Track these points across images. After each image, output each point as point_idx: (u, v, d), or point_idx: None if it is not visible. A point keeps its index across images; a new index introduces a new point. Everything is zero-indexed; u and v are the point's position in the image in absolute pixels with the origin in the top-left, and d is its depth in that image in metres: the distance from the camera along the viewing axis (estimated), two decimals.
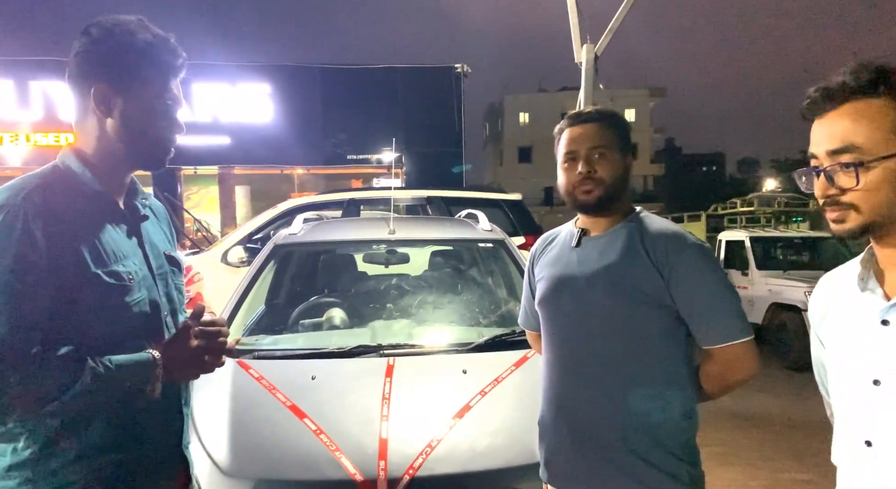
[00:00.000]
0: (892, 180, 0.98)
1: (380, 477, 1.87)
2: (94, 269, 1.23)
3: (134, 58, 1.30)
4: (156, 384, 1.26)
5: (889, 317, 1.02)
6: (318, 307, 3.18)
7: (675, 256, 1.52)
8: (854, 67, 1.02)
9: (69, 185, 1.30)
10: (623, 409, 1.54)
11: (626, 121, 1.74)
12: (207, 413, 2.19)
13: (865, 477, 1.05)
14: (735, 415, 5.70)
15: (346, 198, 6.90)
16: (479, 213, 3.80)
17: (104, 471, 1.25)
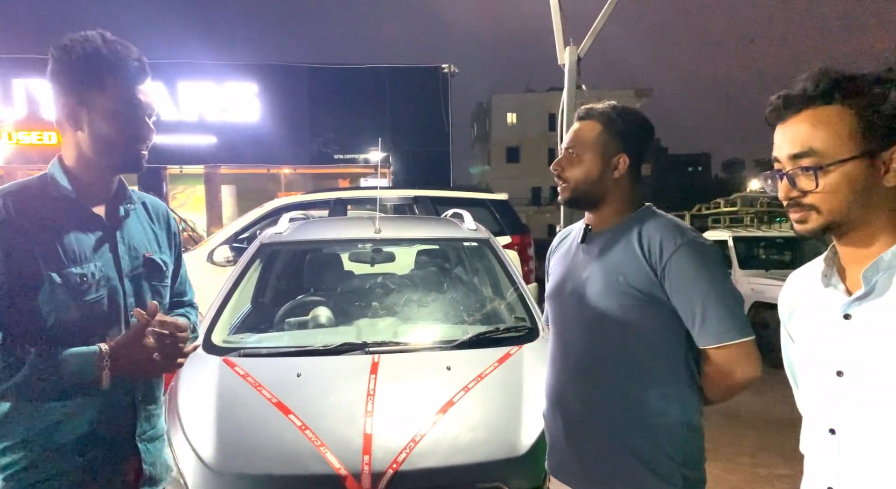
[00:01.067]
0: (849, 182, 1.03)
1: (364, 471, 1.90)
2: (46, 271, 1.33)
3: (90, 71, 1.37)
4: (102, 376, 1.33)
5: (850, 311, 1.07)
6: (304, 305, 3.20)
7: (667, 252, 1.50)
8: (812, 75, 1.06)
9: (45, 194, 1.40)
10: (615, 405, 1.55)
11: (633, 118, 1.64)
12: (193, 410, 2.21)
13: (830, 464, 1.10)
14: (717, 412, 5.77)
15: (332, 197, 6.91)
16: (465, 213, 3.83)
17: (49, 454, 1.35)
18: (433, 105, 15.36)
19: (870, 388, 1.03)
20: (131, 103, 1.40)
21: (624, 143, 1.61)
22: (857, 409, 1.05)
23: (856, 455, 1.05)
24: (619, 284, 1.53)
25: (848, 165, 1.02)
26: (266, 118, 14.66)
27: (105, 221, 1.46)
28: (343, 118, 15.10)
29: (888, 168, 1.02)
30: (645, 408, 1.53)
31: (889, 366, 1.00)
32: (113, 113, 1.38)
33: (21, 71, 13.84)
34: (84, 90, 1.37)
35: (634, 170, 1.63)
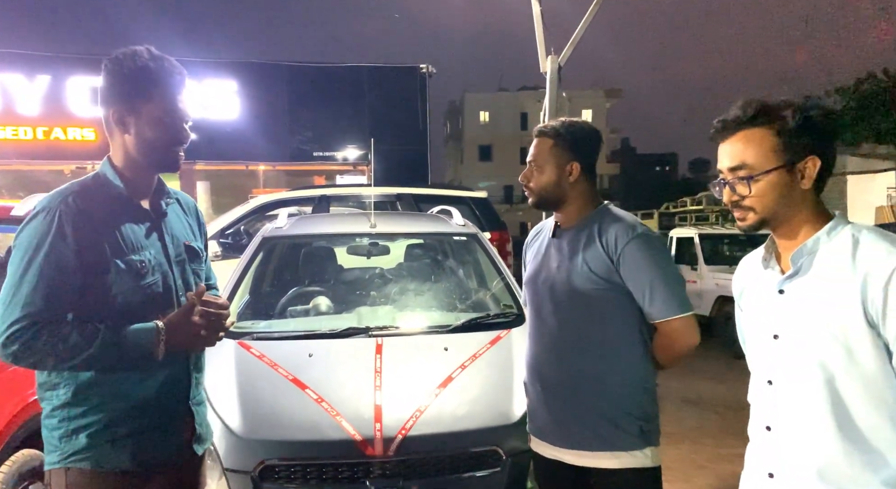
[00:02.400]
0: (774, 187, 1.32)
1: (376, 437, 2.15)
2: (112, 258, 1.54)
3: (139, 83, 1.59)
4: (159, 348, 1.55)
5: (783, 287, 1.34)
6: (305, 295, 3.42)
7: (622, 244, 1.82)
8: (743, 104, 1.35)
9: (102, 190, 1.62)
10: (582, 373, 1.85)
11: (579, 131, 1.95)
12: (217, 386, 2.42)
13: (768, 407, 1.38)
14: (684, 400, 6.15)
15: (317, 194, 7.08)
16: (453, 210, 4.09)
17: (120, 414, 1.56)
18: (411, 104, 15.52)
19: (798, 347, 1.30)
20: (173, 112, 1.62)
21: (574, 153, 1.92)
22: (789, 365, 1.32)
23: (787, 400, 1.33)
24: (584, 271, 1.84)
25: (772, 174, 1.31)
26: (245, 115, 14.63)
27: (151, 214, 1.68)
28: (322, 116, 15.16)
29: (803, 175, 1.30)
30: (607, 374, 1.84)
31: (812, 330, 1.28)
32: (157, 120, 1.60)
33: None
34: (133, 100, 1.58)
35: (587, 173, 1.94)
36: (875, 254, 1.23)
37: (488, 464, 2.22)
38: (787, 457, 1.32)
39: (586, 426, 1.84)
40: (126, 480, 1.56)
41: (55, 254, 1.47)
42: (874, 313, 1.20)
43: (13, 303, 1.44)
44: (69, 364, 1.47)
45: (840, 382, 1.24)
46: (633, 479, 1.82)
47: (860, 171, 15.03)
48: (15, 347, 1.43)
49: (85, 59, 14.13)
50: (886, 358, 1.21)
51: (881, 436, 1.22)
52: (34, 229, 1.50)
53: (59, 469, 1.53)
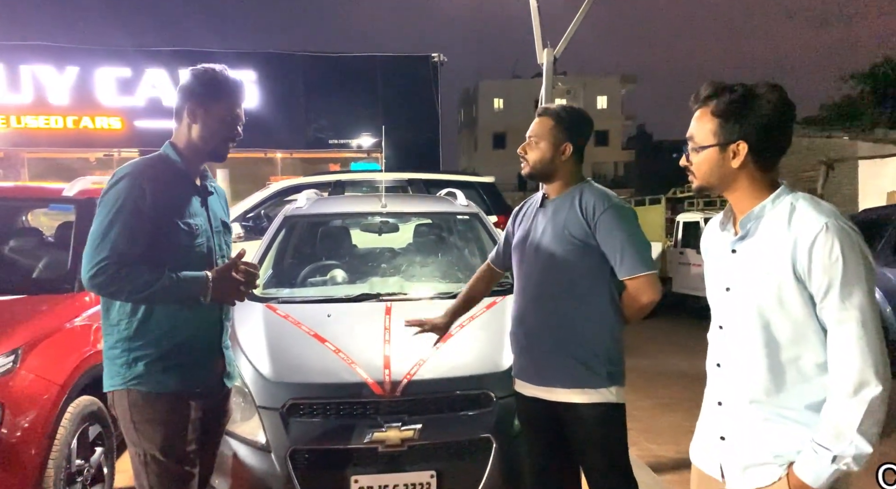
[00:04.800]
0: (708, 162, 1.52)
1: (385, 380, 2.53)
2: (176, 220, 1.96)
3: (215, 89, 2.03)
4: (206, 294, 1.92)
5: (735, 247, 1.54)
6: (323, 268, 3.81)
7: (598, 212, 2.14)
8: (706, 85, 1.57)
9: (167, 167, 2.03)
10: (560, 321, 2.18)
11: (577, 116, 2.25)
12: (249, 339, 2.82)
13: (719, 348, 1.60)
14: (680, 374, 6.46)
15: (333, 179, 7.44)
16: (458, 191, 4.45)
17: (168, 349, 1.96)
18: (423, 93, 15.77)
19: (743, 298, 1.50)
20: (234, 114, 2.05)
21: (569, 135, 2.23)
22: (735, 312, 1.53)
23: (733, 341, 1.55)
24: (565, 234, 2.17)
25: (707, 151, 1.52)
26: (263, 104, 15.00)
27: (201, 190, 2.09)
28: (337, 105, 15.48)
29: (734, 155, 1.48)
30: (581, 322, 2.16)
31: (754, 283, 1.47)
32: (221, 117, 2.02)
33: (27, 57, 14.18)
34: (207, 99, 2.01)
35: (577, 154, 2.25)
36: (804, 219, 1.41)
37: (480, 404, 2.58)
38: (732, 387, 1.54)
39: (561, 366, 2.16)
40: (173, 401, 1.96)
41: (137, 209, 1.87)
42: (801, 270, 1.40)
43: (101, 245, 1.84)
44: (138, 296, 1.86)
45: (774, 325, 1.45)
46: (599, 413, 2.14)
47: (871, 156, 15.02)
48: (101, 278, 1.82)
49: (112, 51, 14.66)
50: (811, 305, 1.41)
51: (805, 368, 1.44)
52: (121, 189, 1.89)
53: (122, 390, 1.94)
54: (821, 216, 1.40)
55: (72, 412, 2.76)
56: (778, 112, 1.47)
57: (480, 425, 2.54)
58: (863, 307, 1.37)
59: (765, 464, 1.49)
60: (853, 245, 1.38)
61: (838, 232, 1.38)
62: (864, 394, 1.35)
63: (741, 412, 1.53)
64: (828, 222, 1.38)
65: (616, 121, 48.08)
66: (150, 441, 1.92)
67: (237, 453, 2.46)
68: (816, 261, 1.38)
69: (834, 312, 1.38)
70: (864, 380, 1.35)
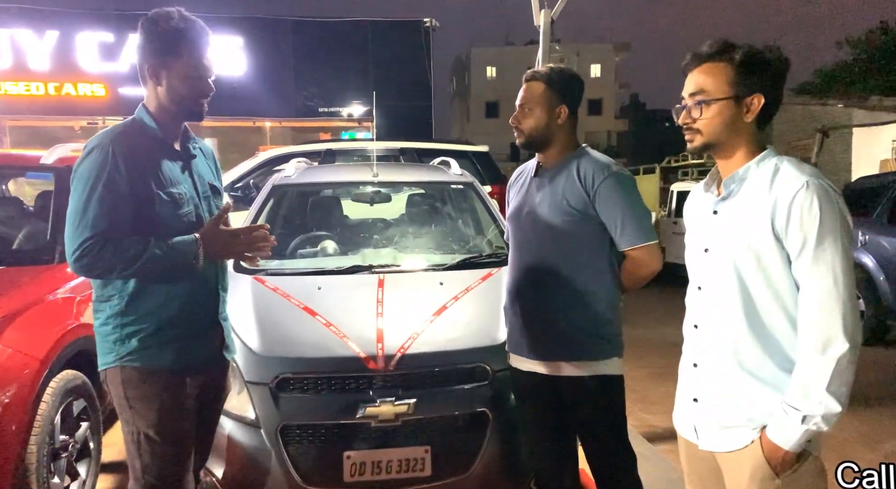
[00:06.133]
0: (721, 114, 1.50)
1: (378, 354, 2.45)
2: (156, 190, 1.83)
3: (172, 42, 1.84)
4: (199, 253, 1.82)
5: (717, 208, 1.55)
6: (313, 239, 3.69)
7: (598, 181, 2.06)
8: (712, 42, 1.53)
9: (142, 132, 1.88)
10: (557, 292, 2.11)
11: (568, 76, 2.15)
12: (237, 313, 2.71)
13: (696, 309, 1.62)
14: (673, 343, 6.35)
15: (323, 148, 7.29)
16: (451, 160, 4.33)
17: (163, 322, 1.86)
18: (415, 59, 15.46)
19: (721, 258, 1.51)
20: (199, 68, 1.87)
21: (562, 97, 2.13)
22: (713, 273, 1.54)
23: (710, 302, 1.56)
24: (563, 205, 2.09)
25: (722, 102, 1.48)
26: (251, 71, 14.67)
27: (182, 154, 1.96)
28: (327, 72, 15.15)
29: (748, 108, 1.48)
30: (579, 293, 2.09)
31: (733, 242, 1.48)
32: (185, 75, 1.85)
33: (6, 21, 13.61)
34: (165, 55, 1.84)
35: (572, 117, 2.15)
36: (786, 179, 1.43)
37: (476, 378, 2.51)
38: (708, 348, 1.55)
39: (560, 338, 2.10)
40: (169, 377, 1.87)
41: (112, 183, 1.74)
42: (779, 228, 1.41)
43: (82, 225, 1.72)
44: (129, 271, 1.75)
45: (750, 284, 1.46)
46: (600, 385, 2.10)
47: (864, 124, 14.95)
48: (86, 260, 1.72)
49: (93, 14, 14.17)
50: (787, 264, 1.42)
51: (779, 327, 1.45)
52: (92, 162, 1.76)
53: (115, 368, 1.85)
54: (802, 175, 1.41)
55: (54, 387, 2.67)
56: (783, 70, 1.51)
57: (476, 399, 2.48)
58: (836, 265, 1.37)
59: (738, 426, 1.50)
60: (832, 203, 1.38)
61: (818, 189, 1.38)
62: (832, 351, 1.35)
63: (716, 374, 1.53)
64: (808, 180, 1.39)
65: (609, 89, 47.70)
66: (144, 419, 1.83)
67: (226, 429, 2.39)
68: (794, 218, 1.39)
69: (806, 268, 1.39)
70: (832, 337, 1.35)
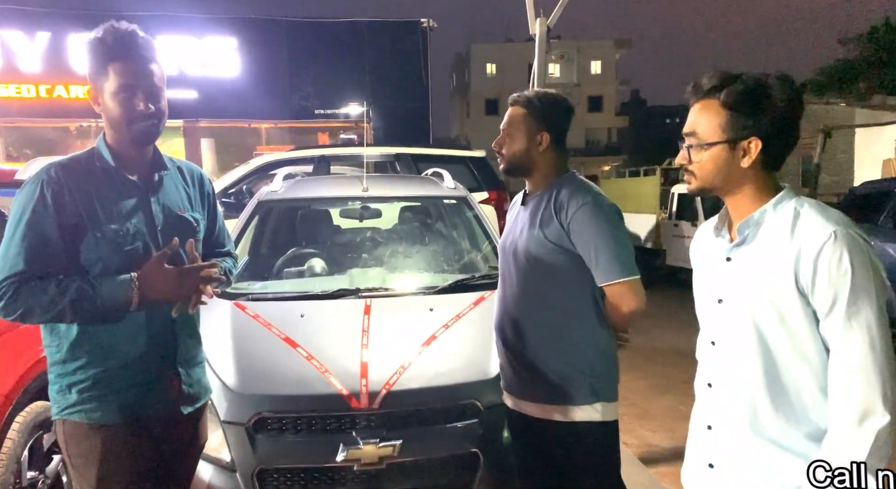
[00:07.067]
0: (714, 160, 1.37)
1: (362, 391, 2.31)
2: (91, 226, 1.66)
3: (98, 60, 1.66)
4: (133, 296, 1.63)
5: (731, 254, 1.41)
6: (300, 257, 3.54)
7: (572, 210, 1.90)
8: (709, 74, 1.39)
9: (90, 164, 1.72)
10: (537, 332, 1.96)
11: (551, 102, 2.01)
12: (214, 344, 2.56)
13: (709, 367, 1.48)
14: (675, 352, 6.33)
15: (317, 154, 7.13)
16: (444, 172, 4.17)
17: (108, 373, 1.69)
18: (412, 60, 15.32)
19: (738, 311, 1.37)
20: (127, 87, 1.65)
21: (544, 123, 1.98)
22: (729, 327, 1.40)
23: (726, 359, 1.42)
24: (539, 237, 1.94)
25: (715, 148, 1.36)
26: (246, 72, 14.55)
27: (139, 185, 1.76)
28: (322, 73, 15.03)
29: (745, 153, 1.35)
30: (560, 333, 1.94)
31: (751, 295, 1.34)
32: (112, 95, 1.66)
33: None
34: (96, 76, 1.67)
35: (556, 143, 2.00)
36: (810, 227, 1.29)
37: (467, 415, 2.37)
38: (724, 410, 1.42)
39: (543, 381, 1.95)
40: (114, 433, 1.69)
41: (35, 220, 1.60)
42: (805, 283, 1.27)
43: (1, 266, 1.60)
44: (51, 313, 1.59)
45: (772, 343, 1.33)
46: (586, 431, 1.93)
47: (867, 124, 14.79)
48: (1, 303, 1.59)
49: (84, 15, 14.01)
50: (814, 323, 1.28)
51: (806, 393, 1.31)
52: (21, 198, 1.63)
53: (59, 420, 1.70)
54: (828, 223, 1.28)
55: (20, 422, 2.53)
56: (792, 106, 1.35)
57: (466, 439, 2.33)
58: (871, 326, 1.23)
59: None
60: (863, 256, 1.25)
61: (848, 241, 1.25)
62: (870, 425, 1.22)
63: (733, 438, 1.40)
64: (836, 230, 1.26)
65: (610, 86, 47.53)
66: (84, 479, 1.68)
67: (200, 473, 2.25)
68: (822, 273, 1.26)
69: (838, 330, 1.25)
70: (869, 408, 1.22)
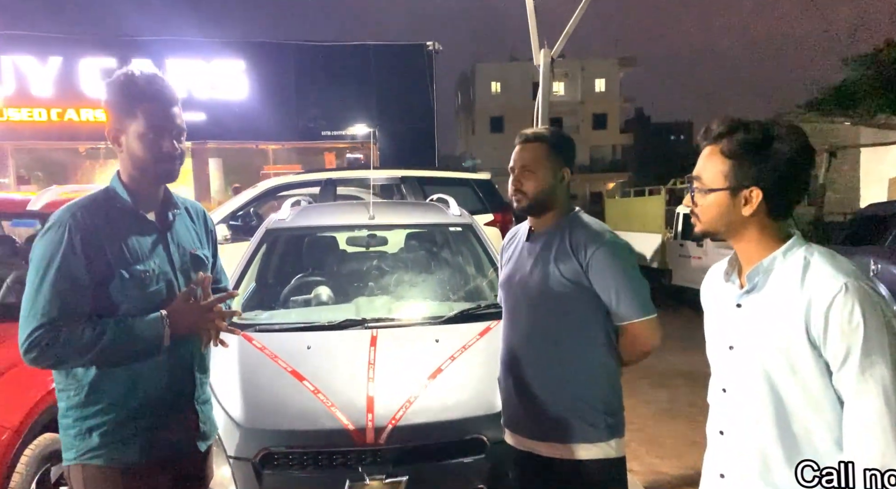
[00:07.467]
0: (717, 207, 1.39)
1: (368, 426, 2.31)
2: (119, 269, 1.68)
3: (125, 102, 1.71)
4: (165, 333, 1.67)
5: (741, 301, 1.41)
6: (307, 285, 3.57)
7: (590, 251, 1.92)
8: (720, 120, 1.41)
9: (110, 204, 1.74)
10: (551, 369, 1.97)
11: (566, 139, 2.08)
12: (221, 377, 2.58)
13: (721, 415, 1.47)
14: (682, 375, 6.28)
15: (323, 177, 7.19)
16: (450, 199, 4.20)
17: (129, 413, 1.70)
18: (418, 82, 15.45)
19: (749, 359, 1.38)
20: (156, 128, 1.71)
21: (564, 159, 2.03)
22: (740, 375, 1.40)
23: (737, 407, 1.41)
24: (555, 275, 1.96)
25: (716, 194, 1.38)
26: (254, 95, 14.71)
27: (157, 225, 1.80)
28: (329, 95, 15.16)
29: (746, 202, 1.36)
30: (575, 370, 1.96)
31: (762, 343, 1.35)
32: (141, 136, 1.70)
33: (9, 47, 13.75)
34: (122, 118, 1.71)
35: (568, 180, 2.04)
36: (820, 278, 1.29)
37: (473, 451, 2.36)
38: (736, 459, 1.42)
39: (556, 419, 1.96)
40: (136, 474, 1.71)
41: (66, 267, 1.61)
42: (816, 335, 1.27)
43: (31, 315, 1.59)
44: (87, 358, 1.61)
45: (784, 393, 1.33)
46: (599, 469, 1.94)
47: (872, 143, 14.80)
48: (35, 353, 1.58)
49: (95, 40, 14.29)
50: (826, 374, 1.29)
51: (818, 442, 1.31)
52: (46, 243, 1.63)
53: (77, 465, 1.69)
54: (839, 275, 1.28)
55: (29, 455, 2.54)
56: (798, 158, 1.35)
57: (473, 474, 2.33)
58: (886, 380, 1.23)
59: None
60: (875, 309, 1.25)
61: (859, 293, 1.25)
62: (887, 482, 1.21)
63: (745, 486, 1.39)
64: (847, 282, 1.26)
65: (614, 104, 47.75)
66: None
67: None
68: (833, 326, 1.25)
69: (852, 384, 1.25)
70: (886, 464, 1.22)
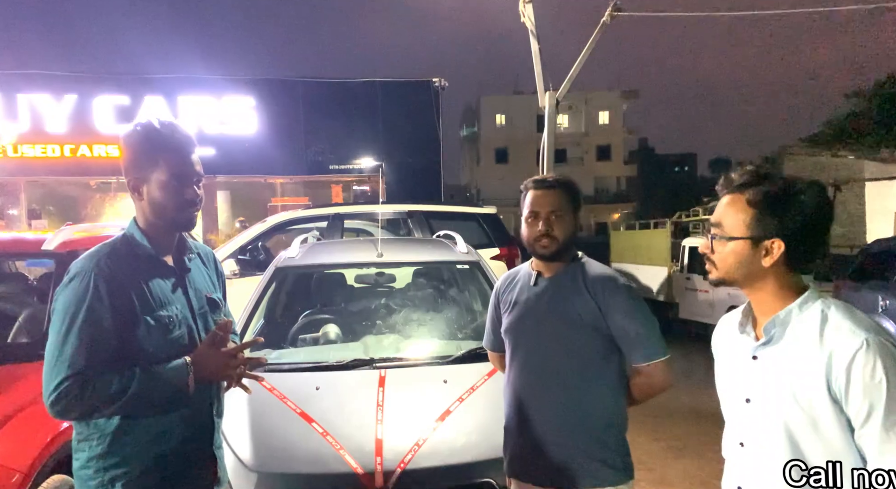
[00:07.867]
0: (735, 255, 1.40)
1: (377, 470, 2.30)
2: (143, 315, 1.68)
3: (146, 152, 1.73)
4: (189, 380, 1.67)
5: (757, 353, 1.41)
6: (315, 323, 3.58)
7: (609, 295, 1.98)
8: (742, 170, 1.43)
9: (130, 251, 1.76)
10: (568, 413, 1.98)
11: (575, 184, 2.15)
12: (230, 418, 2.59)
13: (739, 469, 1.45)
14: (690, 411, 6.22)
15: (331, 213, 7.27)
16: (457, 235, 4.24)
17: (152, 462, 1.69)
18: (424, 117, 15.68)
19: (767, 412, 1.37)
20: (178, 176, 1.73)
21: (578, 205, 2.11)
22: (758, 429, 1.39)
23: (758, 462, 1.39)
24: (573, 317, 1.99)
25: (736, 243, 1.39)
26: (263, 130, 14.98)
27: (175, 270, 1.82)
28: (337, 130, 15.41)
29: (767, 252, 1.36)
30: (592, 413, 1.98)
31: (781, 397, 1.34)
32: (164, 184, 1.72)
33: (24, 86, 14.14)
34: (143, 167, 1.73)
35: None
36: (840, 333, 1.29)
37: None
38: None
39: (574, 463, 1.96)
40: None
41: (93, 316, 1.61)
42: (837, 390, 1.27)
43: (58, 365, 1.58)
44: (113, 408, 1.60)
45: (805, 449, 1.31)
46: None
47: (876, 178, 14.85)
48: (63, 404, 1.56)
49: (109, 78, 14.64)
50: (848, 430, 1.28)
51: None
52: (72, 293, 1.63)
53: None
54: (859, 330, 1.28)
55: None
56: (821, 211, 1.37)
57: None
58: None
59: None
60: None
61: (881, 349, 1.25)
62: None
63: None
64: (868, 338, 1.26)
65: (618, 136, 48.11)
66: None
67: None
68: (855, 383, 1.25)
69: (876, 442, 1.24)
70: None
